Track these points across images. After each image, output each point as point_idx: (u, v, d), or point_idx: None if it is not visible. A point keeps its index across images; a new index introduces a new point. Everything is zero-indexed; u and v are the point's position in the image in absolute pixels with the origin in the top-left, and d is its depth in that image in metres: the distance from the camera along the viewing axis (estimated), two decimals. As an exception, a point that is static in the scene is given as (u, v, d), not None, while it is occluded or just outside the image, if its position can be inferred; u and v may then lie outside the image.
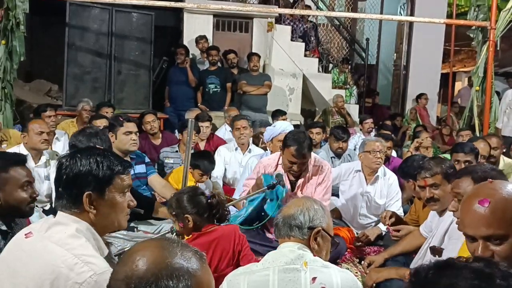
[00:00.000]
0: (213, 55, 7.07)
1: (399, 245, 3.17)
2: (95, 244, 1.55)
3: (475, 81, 6.13)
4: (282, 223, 1.85)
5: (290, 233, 1.83)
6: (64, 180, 1.57)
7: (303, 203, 1.89)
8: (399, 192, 4.01)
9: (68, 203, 1.56)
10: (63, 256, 1.42)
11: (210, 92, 7.08)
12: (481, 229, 1.36)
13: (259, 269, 1.75)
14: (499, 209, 1.35)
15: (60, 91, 7.75)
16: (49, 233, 1.50)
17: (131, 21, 7.01)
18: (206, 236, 2.40)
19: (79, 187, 1.56)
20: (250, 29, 7.88)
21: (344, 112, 7.79)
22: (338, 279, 1.71)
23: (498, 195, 1.38)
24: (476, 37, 6.28)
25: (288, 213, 1.86)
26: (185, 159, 2.85)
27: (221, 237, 2.42)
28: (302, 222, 1.82)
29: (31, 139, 3.74)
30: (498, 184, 1.44)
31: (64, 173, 1.57)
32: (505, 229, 1.34)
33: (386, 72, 11.17)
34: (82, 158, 1.58)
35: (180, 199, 2.45)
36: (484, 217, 1.36)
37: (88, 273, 1.39)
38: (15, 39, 5.28)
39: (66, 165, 1.58)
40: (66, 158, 1.61)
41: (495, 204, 1.36)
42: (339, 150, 5.01)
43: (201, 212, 2.42)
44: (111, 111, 5.54)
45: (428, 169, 2.77)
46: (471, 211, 1.39)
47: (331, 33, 10.05)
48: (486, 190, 1.42)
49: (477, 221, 1.37)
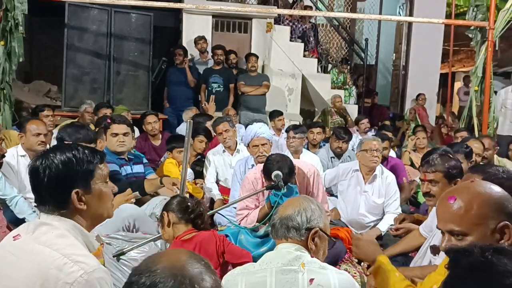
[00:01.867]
0: (219, 55, 7.07)
1: (399, 245, 3.17)
2: (84, 240, 1.53)
3: (474, 81, 6.13)
4: (279, 224, 1.84)
5: (287, 234, 1.81)
6: (46, 183, 1.52)
7: (300, 203, 1.87)
8: (397, 192, 4.00)
9: (54, 207, 1.53)
10: (52, 257, 1.40)
11: (213, 91, 7.07)
12: (446, 224, 1.44)
13: (257, 270, 1.74)
14: (462, 208, 1.41)
15: (59, 91, 7.75)
16: (36, 234, 1.47)
17: (130, 21, 7.01)
18: (187, 243, 2.43)
19: (64, 187, 1.53)
20: (249, 30, 7.89)
21: (344, 112, 7.80)
22: (336, 281, 1.71)
23: (467, 194, 1.43)
24: (474, 37, 6.27)
25: (285, 214, 1.84)
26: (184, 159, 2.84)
27: (202, 242, 2.45)
28: (299, 224, 1.81)
29: (28, 140, 3.72)
30: (476, 185, 1.47)
31: (44, 176, 1.52)
32: (465, 227, 1.39)
33: (385, 72, 11.18)
34: (57, 157, 1.54)
35: (170, 199, 2.59)
36: (449, 211, 1.44)
37: (78, 273, 1.37)
38: (14, 40, 5.27)
39: (43, 167, 1.53)
40: (39, 160, 1.55)
41: (460, 202, 1.42)
42: (338, 150, 5.02)
43: (179, 211, 2.49)
44: (109, 112, 5.54)
45: (431, 164, 2.78)
46: (442, 205, 1.47)
47: (330, 33, 10.05)
48: (461, 188, 1.50)
49: (444, 215, 1.45)
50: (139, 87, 7.18)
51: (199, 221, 2.53)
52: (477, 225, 1.38)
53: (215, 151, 4.71)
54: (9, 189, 3.51)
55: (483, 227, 1.38)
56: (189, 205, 2.52)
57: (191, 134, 2.84)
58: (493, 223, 1.37)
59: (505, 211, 1.39)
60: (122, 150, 3.78)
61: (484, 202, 1.40)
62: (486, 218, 1.38)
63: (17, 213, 3.48)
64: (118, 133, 3.74)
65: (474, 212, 1.39)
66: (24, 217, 3.45)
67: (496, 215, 1.38)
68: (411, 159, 5.69)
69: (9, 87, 5.38)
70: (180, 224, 2.49)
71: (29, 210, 3.49)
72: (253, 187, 3.33)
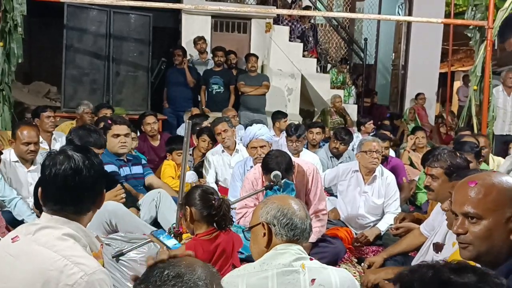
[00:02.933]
0: (219, 56, 7.07)
1: (399, 244, 3.16)
2: (88, 241, 1.53)
3: (473, 81, 6.14)
4: (304, 227, 1.83)
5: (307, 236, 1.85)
6: (89, 182, 1.53)
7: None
8: (397, 192, 4.00)
9: (71, 207, 1.53)
10: (52, 259, 1.40)
11: (213, 92, 7.08)
12: (462, 206, 1.45)
13: (257, 271, 1.73)
14: (482, 191, 1.43)
15: (58, 92, 7.75)
16: (36, 236, 1.47)
17: (129, 22, 7.01)
18: (206, 243, 2.40)
19: (96, 189, 1.57)
20: (248, 30, 7.88)
21: (343, 112, 7.80)
22: (337, 279, 1.71)
23: (487, 180, 1.46)
24: (473, 37, 6.28)
25: (302, 216, 1.84)
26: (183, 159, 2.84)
27: (221, 244, 2.43)
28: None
29: (18, 147, 3.61)
30: (496, 174, 1.50)
31: (89, 174, 1.53)
32: (481, 210, 1.41)
33: (384, 72, 11.17)
34: (93, 158, 1.57)
35: (192, 191, 2.49)
36: (467, 194, 1.45)
37: (78, 274, 1.38)
38: (13, 41, 5.28)
39: (88, 165, 1.53)
40: (78, 158, 1.53)
41: (480, 186, 1.44)
42: (334, 150, 5.04)
43: (203, 209, 2.41)
44: (110, 113, 5.53)
45: (435, 160, 2.84)
46: (460, 189, 1.49)
47: (329, 33, 10.06)
48: (481, 175, 1.52)
49: (461, 198, 1.47)
50: (139, 87, 7.18)
51: (222, 223, 2.46)
52: (493, 211, 1.40)
53: (214, 151, 4.72)
54: (9, 191, 3.51)
55: (498, 213, 1.40)
56: (213, 204, 2.41)
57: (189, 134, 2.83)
58: (510, 212, 1.40)
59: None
60: (123, 152, 3.75)
61: (503, 190, 1.42)
62: (503, 206, 1.40)
63: (16, 214, 3.48)
64: (119, 134, 3.72)
65: (493, 197, 1.41)
66: (23, 218, 3.44)
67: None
68: (411, 158, 5.69)
69: (8, 88, 5.38)
70: (202, 223, 2.43)
71: (28, 212, 3.48)
72: (253, 187, 3.33)
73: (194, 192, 2.46)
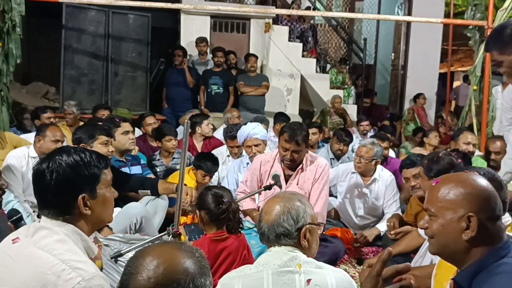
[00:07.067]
0: (219, 57, 7.06)
1: (398, 245, 3.16)
2: (84, 245, 1.51)
3: (472, 81, 6.12)
4: (268, 232, 1.78)
5: (279, 241, 1.77)
6: (52, 186, 1.48)
7: (283, 206, 1.79)
8: (396, 193, 4.00)
9: (57, 211, 1.50)
10: (50, 263, 1.38)
11: (212, 93, 7.05)
12: (426, 203, 1.54)
13: (253, 272, 1.72)
14: (439, 190, 1.49)
15: (57, 93, 7.73)
16: (35, 238, 1.45)
17: (127, 22, 7.01)
18: (215, 243, 2.44)
19: (70, 191, 1.50)
20: (247, 30, 7.87)
21: (343, 112, 7.78)
22: (333, 280, 1.70)
23: (450, 181, 1.51)
24: (473, 37, 6.27)
25: (271, 220, 1.78)
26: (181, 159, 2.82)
27: (229, 248, 2.47)
28: (288, 228, 1.75)
29: (46, 144, 3.64)
30: (465, 175, 1.54)
31: (51, 179, 1.48)
32: (435, 209, 1.49)
33: (384, 72, 11.16)
34: (64, 160, 1.51)
35: (204, 193, 2.55)
36: (429, 193, 1.54)
37: (76, 279, 1.36)
38: (11, 41, 5.25)
39: (50, 170, 1.49)
40: (45, 163, 1.51)
41: (440, 185, 1.51)
42: (338, 152, 5.02)
43: (211, 212, 2.48)
44: (108, 113, 5.51)
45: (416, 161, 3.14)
46: (429, 187, 1.57)
47: (328, 33, 10.06)
48: (451, 175, 1.59)
49: (427, 196, 1.56)
50: (137, 88, 7.18)
51: (232, 226, 2.52)
52: (446, 209, 1.46)
53: (218, 152, 4.71)
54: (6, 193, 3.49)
55: (451, 212, 1.45)
56: (222, 208, 2.47)
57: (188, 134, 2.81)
58: (462, 212, 1.44)
59: (480, 204, 1.43)
60: (133, 148, 3.79)
61: (460, 190, 1.46)
62: (456, 206, 1.45)
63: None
64: (129, 131, 3.76)
65: (448, 197, 1.47)
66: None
67: (467, 205, 1.43)
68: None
69: (6, 89, 5.35)
70: (211, 225, 2.50)
71: (24, 214, 3.47)
72: (259, 166, 3.42)
73: (205, 195, 2.54)
